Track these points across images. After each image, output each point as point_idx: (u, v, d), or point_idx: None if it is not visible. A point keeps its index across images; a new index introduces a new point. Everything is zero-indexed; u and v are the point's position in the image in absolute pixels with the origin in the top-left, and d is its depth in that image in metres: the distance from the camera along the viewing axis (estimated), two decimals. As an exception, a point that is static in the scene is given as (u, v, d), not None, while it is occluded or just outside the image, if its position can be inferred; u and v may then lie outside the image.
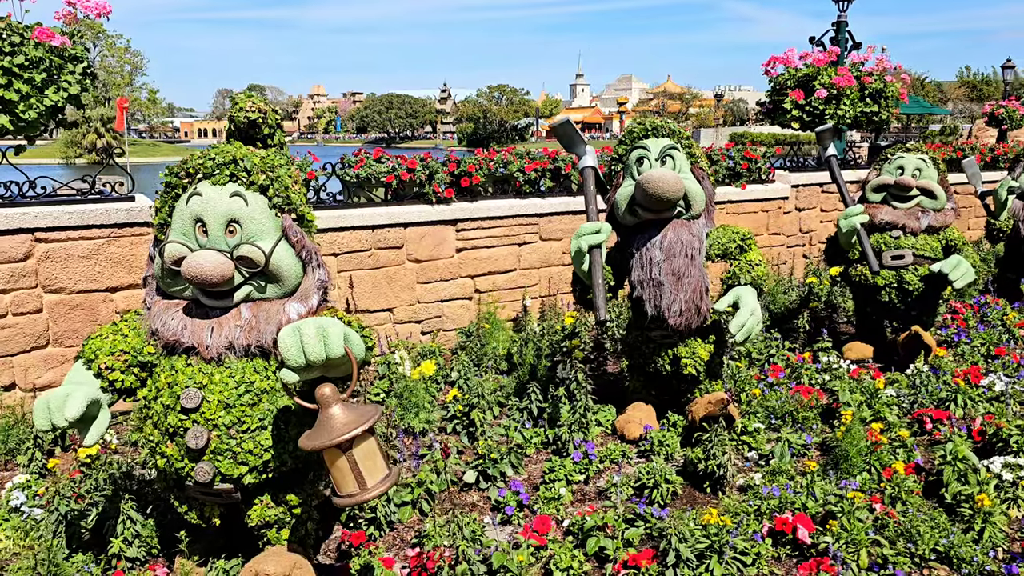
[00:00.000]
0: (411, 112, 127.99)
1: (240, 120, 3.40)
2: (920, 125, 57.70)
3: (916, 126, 57.80)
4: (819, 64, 9.37)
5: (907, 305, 6.37)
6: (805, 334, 6.66)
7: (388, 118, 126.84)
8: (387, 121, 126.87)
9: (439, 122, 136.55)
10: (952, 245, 6.43)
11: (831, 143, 6.46)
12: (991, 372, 6.12)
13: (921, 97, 50.81)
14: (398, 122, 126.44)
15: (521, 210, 7.21)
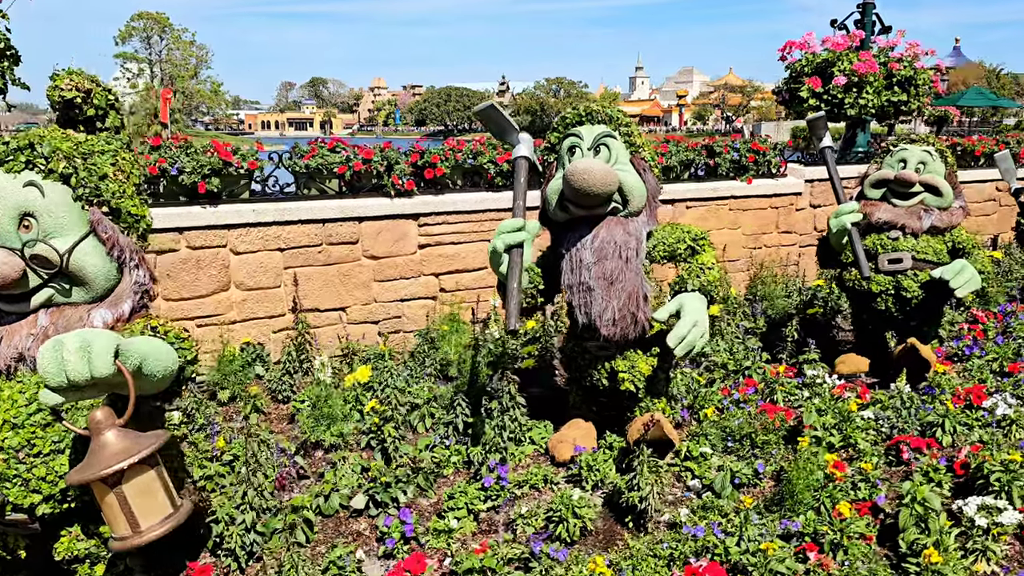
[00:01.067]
0: (469, 105, 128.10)
1: (55, 100, 3.02)
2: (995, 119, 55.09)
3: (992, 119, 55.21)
4: (838, 49, 8.65)
5: (906, 314, 5.71)
6: (794, 343, 6.04)
7: (446, 111, 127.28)
8: (445, 114, 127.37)
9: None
10: (960, 248, 5.73)
11: (825, 133, 5.81)
12: (999, 392, 5.43)
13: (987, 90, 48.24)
14: (456, 115, 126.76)
15: (492, 204, 6.73)
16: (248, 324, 5.91)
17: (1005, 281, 8.59)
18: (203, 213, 5.60)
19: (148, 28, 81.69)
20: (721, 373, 5.68)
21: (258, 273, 5.87)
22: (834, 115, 8.85)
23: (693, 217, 7.92)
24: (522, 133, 4.39)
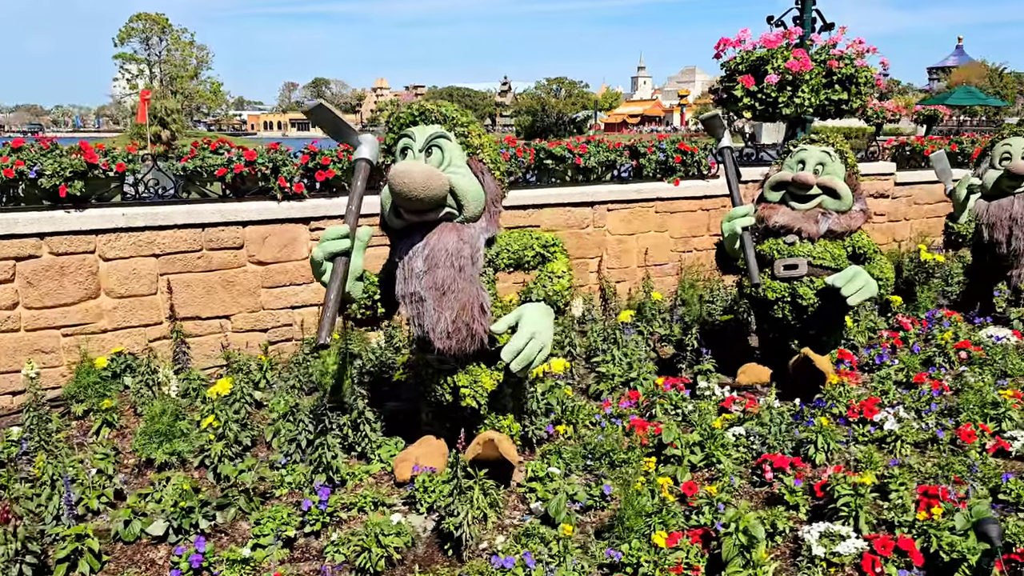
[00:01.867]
0: (470, 105, 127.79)
1: None
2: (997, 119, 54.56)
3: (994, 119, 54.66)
4: (771, 46, 8.37)
5: (803, 323, 5.44)
6: (692, 352, 5.78)
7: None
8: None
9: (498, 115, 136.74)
10: (860, 253, 5.47)
11: (724, 132, 5.54)
12: (896, 404, 5.16)
13: (976, 88, 47.66)
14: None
15: (393, 207, 6.48)
16: (121, 333, 5.68)
17: (944, 285, 8.32)
18: (67, 218, 5.37)
19: (147, 29, 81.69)
20: (609, 384, 5.42)
21: (131, 280, 5.63)
22: (770, 114, 8.57)
23: (617, 220, 7.66)
24: (365, 134, 4.15)
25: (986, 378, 5.60)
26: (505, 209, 6.97)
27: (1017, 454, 4.47)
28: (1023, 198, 6.88)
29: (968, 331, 6.69)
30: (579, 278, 7.53)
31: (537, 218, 7.19)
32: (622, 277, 7.78)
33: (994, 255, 7.10)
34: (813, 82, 8.48)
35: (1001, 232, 6.95)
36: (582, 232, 7.48)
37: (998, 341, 6.35)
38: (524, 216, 7.12)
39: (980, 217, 7.04)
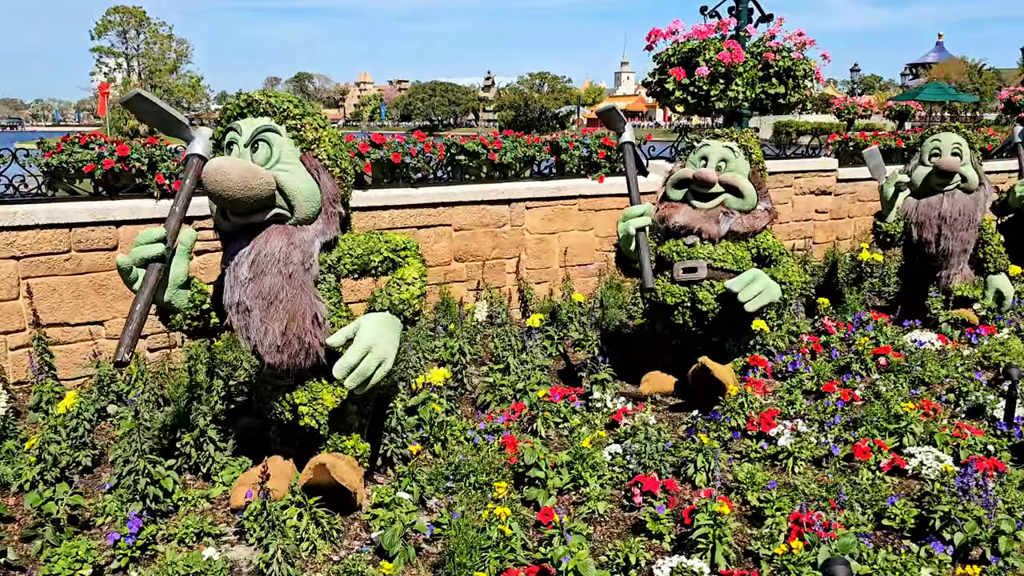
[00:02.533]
0: (454, 100, 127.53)
1: None
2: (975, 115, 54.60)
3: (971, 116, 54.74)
4: (701, 37, 8.03)
5: (705, 329, 5.12)
6: (592, 360, 5.45)
7: (431, 106, 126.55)
8: (430, 109, 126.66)
9: (481, 110, 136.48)
10: (766, 255, 5.15)
11: (625, 127, 5.20)
12: (797, 417, 4.85)
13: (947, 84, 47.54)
14: (441, 110, 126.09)
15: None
16: (-22, 341, 5.28)
17: (882, 286, 8.03)
18: (-89, 217, 4.97)
19: (124, 22, 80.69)
20: (498, 396, 5.07)
21: (-13, 284, 5.23)
22: (703, 108, 8.24)
23: (537, 218, 7.31)
24: (201, 128, 3.78)
25: (901, 387, 5.31)
26: (414, 207, 6.64)
27: (913, 472, 4.16)
28: (952, 196, 6.59)
29: (894, 335, 6.40)
30: (495, 279, 7.18)
31: (448, 216, 6.83)
32: (542, 278, 7.44)
33: (924, 255, 6.81)
34: (747, 75, 8.15)
35: (930, 231, 6.66)
36: (499, 231, 7.13)
37: (920, 346, 6.06)
38: (435, 214, 6.76)
39: (909, 216, 6.74)
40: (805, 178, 9.06)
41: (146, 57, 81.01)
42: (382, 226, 6.51)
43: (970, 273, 6.76)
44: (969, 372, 5.52)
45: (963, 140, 6.62)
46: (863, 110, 28.73)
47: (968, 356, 5.97)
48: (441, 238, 6.84)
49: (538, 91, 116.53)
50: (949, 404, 5.21)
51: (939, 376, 5.55)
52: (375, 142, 6.47)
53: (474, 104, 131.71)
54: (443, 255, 6.87)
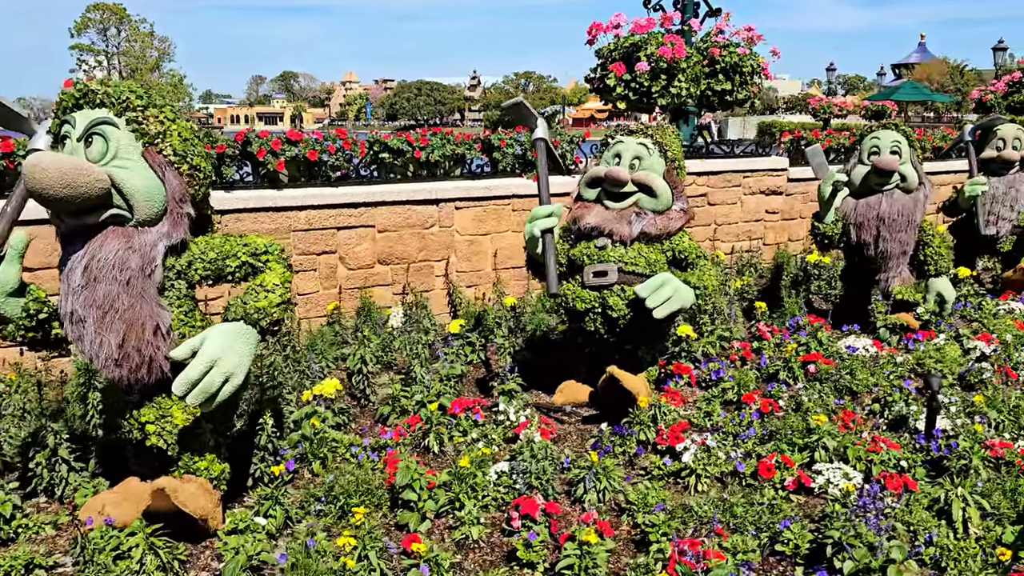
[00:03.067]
0: (440, 99, 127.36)
1: None
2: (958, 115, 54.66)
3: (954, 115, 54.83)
4: (641, 31, 7.78)
5: (617, 336, 4.86)
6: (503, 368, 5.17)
7: (416, 105, 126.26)
8: (416, 108, 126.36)
9: (467, 109, 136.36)
10: (682, 258, 4.89)
11: (537, 121, 4.94)
12: (714, 429, 4.60)
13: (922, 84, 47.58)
14: (427, 109, 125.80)
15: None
16: None
17: (828, 288, 7.80)
18: None
19: (105, 19, 79.96)
20: (399, 408, 4.79)
21: None
22: (645, 105, 7.99)
23: (467, 219, 7.04)
24: (45, 121, 3.49)
25: (826, 396, 5.06)
26: (333, 208, 6.35)
27: (819, 490, 3.91)
28: (891, 196, 6.36)
29: (830, 341, 6.17)
30: (423, 283, 6.90)
31: (371, 217, 6.54)
32: (474, 281, 7.17)
33: (863, 257, 6.58)
34: (691, 71, 7.91)
35: (868, 233, 6.42)
36: (426, 232, 6.85)
37: (853, 352, 5.82)
38: (357, 215, 6.47)
39: (848, 216, 6.51)
40: (754, 177, 8.83)
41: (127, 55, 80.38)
42: (298, 227, 6.22)
43: (910, 276, 6.53)
44: (899, 380, 5.29)
45: (903, 138, 6.39)
46: (839, 110, 28.59)
47: (901, 363, 5.74)
48: (364, 240, 6.56)
49: (523, 91, 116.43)
50: (874, 415, 4.98)
51: (867, 385, 5.31)
52: (290, 139, 6.18)
53: (460, 104, 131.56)
54: (365, 258, 6.58)
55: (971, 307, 7.29)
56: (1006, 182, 7.74)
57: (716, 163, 8.51)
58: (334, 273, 6.46)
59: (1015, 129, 7.83)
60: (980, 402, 4.80)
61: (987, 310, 7.33)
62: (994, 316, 7.09)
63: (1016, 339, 6.18)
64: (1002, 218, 7.74)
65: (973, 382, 5.40)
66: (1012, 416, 4.78)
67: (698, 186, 8.42)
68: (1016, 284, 7.87)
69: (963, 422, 4.55)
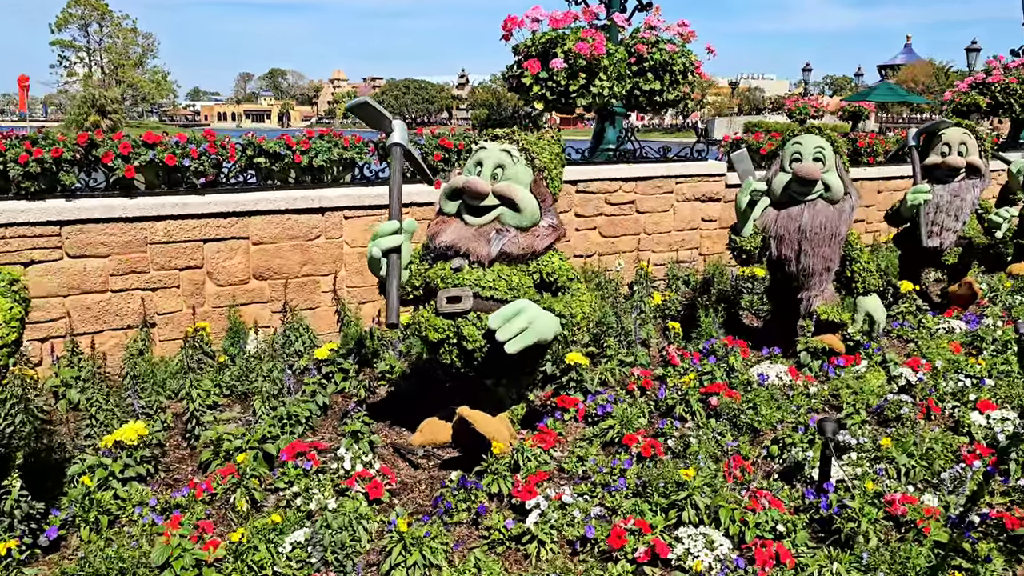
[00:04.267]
0: (427, 98, 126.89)
1: None
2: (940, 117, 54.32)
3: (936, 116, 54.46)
4: (556, 25, 7.18)
5: (475, 370, 4.25)
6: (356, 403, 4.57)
7: (404, 103, 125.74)
8: (403, 106, 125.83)
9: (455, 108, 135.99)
10: (551, 280, 4.29)
11: (393, 124, 4.34)
12: (585, 478, 4.02)
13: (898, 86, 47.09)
14: (414, 107, 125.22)
15: (34, 216, 5.20)
16: None
17: (760, 304, 7.23)
18: None
19: (86, 15, 79.11)
20: (221, 453, 4.17)
21: None
22: (564, 105, 7.39)
23: (359, 229, 6.42)
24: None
25: (722, 436, 4.48)
26: (198, 218, 5.72)
27: (677, 562, 3.32)
28: (813, 207, 5.79)
29: (748, 365, 5.61)
30: (307, 299, 6.29)
31: (244, 228, 5.92)
32: (368, 297, 6.56)
33: (784, 274, 6.00)
34: (614, 69, 7.31)
35: (790, 247, 5.85)
36: (310, 244, 6.23)
37: (763, 382, 5.24)
38: (226, 226, 5.85)
39: (768, 229, 5.93)
40: (689, 183, 8.25)
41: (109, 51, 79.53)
42: (155, 240, 5.59)
43: (834, 294, 5.95)
44: (805, 416, 4.71)
45: (827, 143, 5.81)
46: (814, 110, 28.10)
47: (815, 394, 5.16)
48: (236, 253, 5.94)
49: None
50: (772, 458, 4.40)
51: (771, 421, 4.73)
52: (146, 141, 5.55)
53: (448, 102, 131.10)
54: (238, 273, 5.96)
55: (909, 326, 6.73)
56: (951, 190, 7.18)
57: (645, 168, 7.92)
58: (200, 290, 5.84)
59: (961, 133, 7.27)
60: (888, 445, 4.22)
61: (928, 328, 6.78)
62: (932, 336, 6.54)
63: (949, 365, 5.62)
64: (946, 229, 7.18)
65: (890, 417, 4.82)
66: (925, 461, 4.22)
67: (625, 192, 7.84)
68: (962, 299, 7.32)
69: (863, 471, 3.98)
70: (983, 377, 5.40)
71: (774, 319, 6.45)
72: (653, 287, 7.59)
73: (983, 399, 4.96)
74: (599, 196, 7.67)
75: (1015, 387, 5.24)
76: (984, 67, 12.72)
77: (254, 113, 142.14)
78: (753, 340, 6.35)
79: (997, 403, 5.11)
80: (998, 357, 5.76)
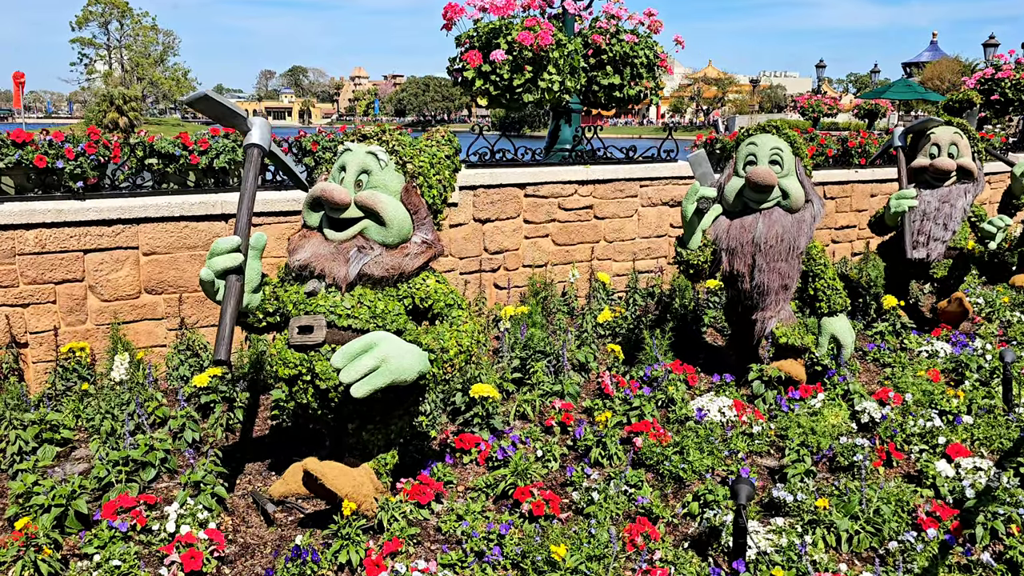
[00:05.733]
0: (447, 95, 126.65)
1: None
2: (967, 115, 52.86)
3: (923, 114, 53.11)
4: (497, 13, 6.51)
5: (335, 413, 3.60)
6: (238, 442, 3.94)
7: (424, 101, 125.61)
8: (423, 104, 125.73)
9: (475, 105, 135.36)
10: (425, 307, 3.62)
11: (249, 122, 3.72)
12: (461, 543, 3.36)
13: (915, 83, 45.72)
14: (434, 105, 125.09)
15: None
16: None
17: (725, 322, 6.51)
18: None
19: (107, 13, 79.72)
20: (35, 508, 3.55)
21: None
22: (510, 101, 6.72)
23: (271, 238, 5.78)
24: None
25: (636, 490, 3.80)
26: (77, 226, 5.12)
27: (527, 672, 2.65)
28: (769, 216, 5.09)
29: (697, 394, 4.93)
30: (209, 316, 5.67)
31: (133, 237, 5.32)
32: (280, 313, 5.90)
33: (739, 291, 5.30)
34: (564, 62, 6.62)
35: (743, 261, 5.14)
36: (213, 255, 5.60)
37: (701, 418, 4.55)
38: (112, 235, 5.25)
39: (720, 240, 5.22)
40: (655, 186, 7.55)
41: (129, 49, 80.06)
42: (25, 251, 5.00)
43: (791, 315, 5.24)
44: (738, 465, 4.02)
45: (785, 144, 5.10)
46: (828, 108, 27.17)
47: (759, 434, 4.46)
48: (123, 265, 5.33)
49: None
50: (692, 517, 3.71)
51: (699, 469, 4.04)
52: (14, 140, 4.96)
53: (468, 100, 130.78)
54: (126, 287, 5.36)
55: (887, 348, 6.00)
56: (939, 196, 6.44)
57: (605, 169, 7.23)
58: (81, 306, 5.24)
59: (951, 133, 6.52)
60: (823, 508, 3.51)
61: (910, 350, 6.06)
62: (913, 359, 5.81)
63: (923, 397, 4.90)
64: (933, 238, 6.43)
65: (842, 464, 4.12)
66: (873, 527, 3.51)
67: (581, 197, 7.16)
68: (952, 317, 6.56)
69: (790, 540, 3.28)
70: (960, 414, 4.68)
71: (732, 340, 5.75)
72: (611, 300, 6.90)
73: (955, 442, 4.24)
74: (551, 200, 6.99)
75: (997, 427, 4.51)
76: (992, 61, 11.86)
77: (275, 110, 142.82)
78: (707, 364, 5.66)
79: (975, 446, 4.40)
80: (980, 390, 5.03)
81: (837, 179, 8.85)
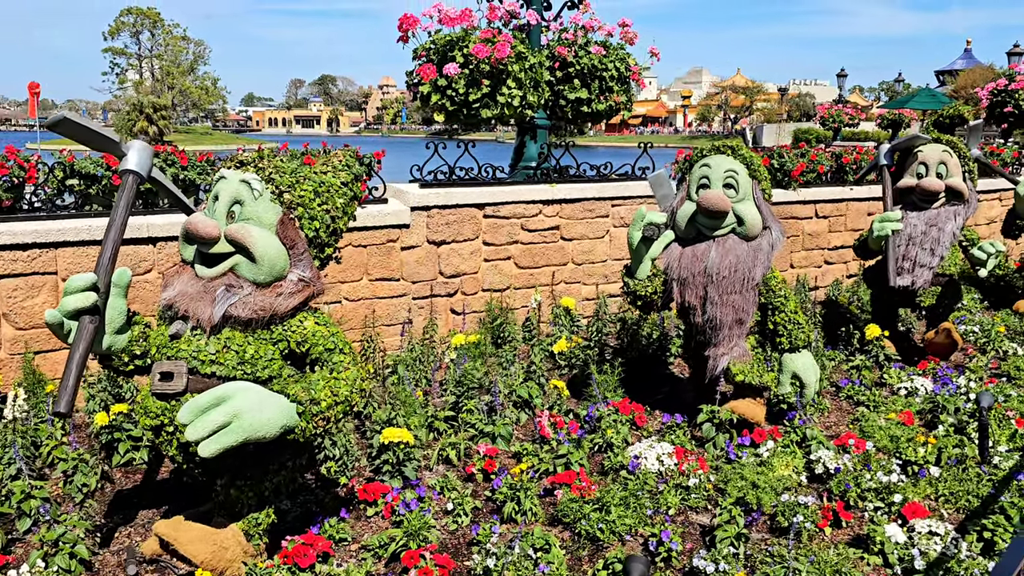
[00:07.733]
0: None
1: None
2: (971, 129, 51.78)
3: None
4: (450, 25, 6.17)
5: (201, 468, 3.26)
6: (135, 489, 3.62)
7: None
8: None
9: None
10: (303, 352, 3.28)
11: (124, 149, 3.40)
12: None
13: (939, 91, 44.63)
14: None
15: None
16: None
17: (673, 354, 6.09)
18: None
19: (138, 24, 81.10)
20: None
21: None
22: (467, 117, 6.38)
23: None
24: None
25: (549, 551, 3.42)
26: (-7, 250, 4.86)
27: None
28: (723, 244, 4.68)
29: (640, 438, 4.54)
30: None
31: (51, 262, 5.05)
32: (214, 341, 5.60)
33: (690, 324, 4.89)
34: (527, 76, 6.27)
35: (694, 293, 4.74)
36: (138, 280, 5.33)
37: (634, 468, 4.15)
38: (27, 259, 4.98)
39: (671, 269, 4.82)
40: (628, 205, 7.16)
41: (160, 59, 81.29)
42: (-69, 277, 4.74)
43: (746, 351, 4.81)
44: (661, 527, 3.61)
45: (740, 166, 4.69)
46: (849, 117, 26.53)
47: (696, 487, 4.05)
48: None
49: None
50: (602, 588, 3.32)
51: (619, 530, 3.64)
52: (-80, 162, 4.72)
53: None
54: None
55: (863, 385, 5.55)
56: (926, 219, 5.98)
57: (572, 188, 6.86)
58: (-6, 335, 4.97)
59: (940, 152, 6.06)
60: (743, 585, 3.11)
61: (890, 386, 5.61)
62: (891, 396, 5.37)
63: (889, 443, 4.46)
64: (920, 264, 5.97)
65: (783, 525, 3.70)
66: (801, 605, 3.09)
67: (547, 217, 6.78)
68: (940, 348, 6.09)
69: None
70: (926, 465, 4.23)
71: (691, 376, 5.34)
72: (575, 327, 6.52)
73: (914, 500, 3.81)
74: (513, 221, 6.63)
75: (966, 481, 4.07)
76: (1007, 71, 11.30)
77: (304, 119, 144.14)
78: (668, 400, 5.27)
79: (939, 502, 3.96)
80: (953, 436, 4.57)
81: (831, 197, 8.39)
